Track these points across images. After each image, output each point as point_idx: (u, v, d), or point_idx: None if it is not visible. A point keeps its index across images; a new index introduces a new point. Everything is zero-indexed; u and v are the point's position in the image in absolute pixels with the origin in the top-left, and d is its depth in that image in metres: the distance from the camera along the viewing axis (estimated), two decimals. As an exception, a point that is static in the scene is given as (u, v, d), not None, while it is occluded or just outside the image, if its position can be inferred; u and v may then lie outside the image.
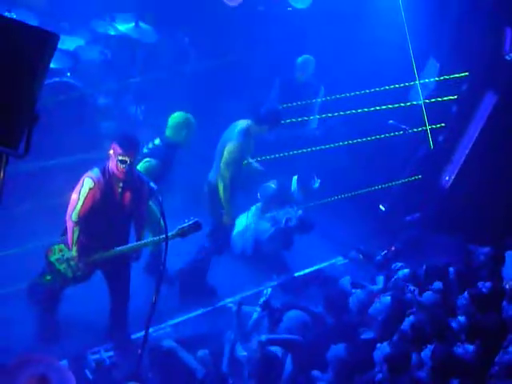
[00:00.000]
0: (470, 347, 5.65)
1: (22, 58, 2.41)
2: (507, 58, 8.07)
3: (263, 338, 5.94)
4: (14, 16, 7.54)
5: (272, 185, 8.37)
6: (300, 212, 8.21)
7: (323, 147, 8.56)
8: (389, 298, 6.27)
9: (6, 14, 7.50)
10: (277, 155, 8.24)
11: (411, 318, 5.94)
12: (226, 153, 7.31)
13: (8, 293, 6.46)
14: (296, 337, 6.11)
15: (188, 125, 6.97)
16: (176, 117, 7.03)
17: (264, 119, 7.38)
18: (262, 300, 6.42)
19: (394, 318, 6.09)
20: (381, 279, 7.25)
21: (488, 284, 6.39)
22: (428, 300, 6.37)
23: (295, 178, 8.34)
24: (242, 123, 7.44)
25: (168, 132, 6.99)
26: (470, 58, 8.34)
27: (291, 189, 8.46)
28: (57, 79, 8.15)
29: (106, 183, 5.79)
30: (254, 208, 8.36)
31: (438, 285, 6.63)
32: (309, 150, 8.40)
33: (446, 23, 8.62)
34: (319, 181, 8.37)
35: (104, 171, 5.79)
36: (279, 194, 8.32)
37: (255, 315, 6.42)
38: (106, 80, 9.03)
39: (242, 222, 8.25)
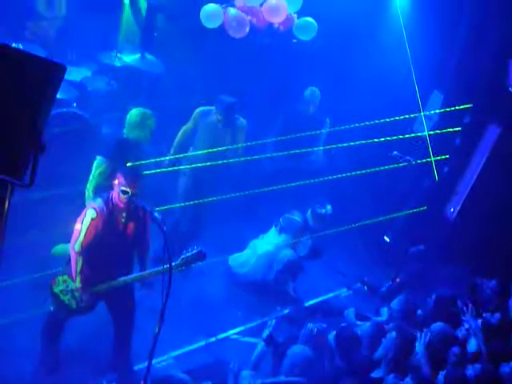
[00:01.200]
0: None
1: (29, 89, 2.43)
2: (511, 89, 8.11)
3: (259, 382, 5.83)
4: (21, 47, 7.63)
5: (296, 217, 8.30)
6: (309, 241, 8.20)
7: (328, 178, 8.56)
8: (394, 333, 6.17)
9: (14, 45, 7.59)
10: (282, 186, 8.23)
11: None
12: None
13: (12, 322, 6.43)
14: (297, 379, 5.96)
15: (146, 122, 7.13)
16: (133, 114, 7.13)
17: (216, 106, 7.89)
18: (265, 333, 6.33)
19: (402, 352, 5.97)
20: (385, 311, 7.20)
21: (497, 315, 6.33)
22: (438, 330, 6.29)
23: (310, 210, 8.31)
24: None
25: (126, 130, 7.12)
26: (474, 89, 8.38)
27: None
28: (63, 110, 8.22)
29: (109, 213, 5.79)
30: (273, 232, 8.26)
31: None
32: (312, 181, 8.40)
33: (450, 55, 8.68)
34: (330, 207, 8.31)
35: (107, 201, 5.80)
36: (306, 225, 8.27)
37: (259, 348, 6.34)
38: (113, 110, 9.09)
39: (263, 246, 8.20)
